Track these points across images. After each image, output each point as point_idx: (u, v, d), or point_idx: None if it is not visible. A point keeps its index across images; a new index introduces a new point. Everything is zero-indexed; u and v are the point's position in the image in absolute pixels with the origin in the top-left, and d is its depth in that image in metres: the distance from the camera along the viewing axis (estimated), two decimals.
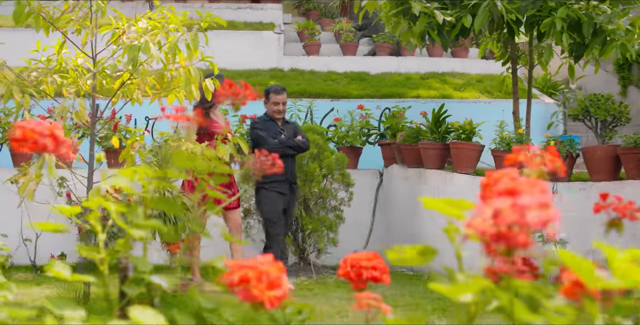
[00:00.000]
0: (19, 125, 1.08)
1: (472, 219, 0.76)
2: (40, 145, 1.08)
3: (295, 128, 5.86)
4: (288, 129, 5.76)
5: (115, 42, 4.55)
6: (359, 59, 9.77)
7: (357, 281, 1.28)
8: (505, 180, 0.85)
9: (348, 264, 1.31)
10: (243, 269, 0.87)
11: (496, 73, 9.60)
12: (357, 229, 6.81)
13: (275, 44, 9.59)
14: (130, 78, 4.48)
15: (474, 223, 0.73)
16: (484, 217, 0.71)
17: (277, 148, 5.31)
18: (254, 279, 0.85)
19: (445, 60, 9.85)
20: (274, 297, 0.86)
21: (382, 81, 9.25)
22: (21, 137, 1.07)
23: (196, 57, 4.40)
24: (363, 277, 1.27)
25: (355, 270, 1.29)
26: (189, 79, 4.52)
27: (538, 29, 5.71)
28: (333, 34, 10.36)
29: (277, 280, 0.87)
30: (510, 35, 5.94)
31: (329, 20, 10.66)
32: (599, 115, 5.33)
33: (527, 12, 5.50)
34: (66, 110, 4.03)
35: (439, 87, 9.03)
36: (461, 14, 5.58)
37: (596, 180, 5.38)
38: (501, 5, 5.11)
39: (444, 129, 6.07)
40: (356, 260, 1.30)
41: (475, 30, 5.29)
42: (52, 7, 4.45)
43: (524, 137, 5.48)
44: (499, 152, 5.61)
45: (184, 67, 4.51)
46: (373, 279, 1.28)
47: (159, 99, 4.88)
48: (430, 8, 5.52)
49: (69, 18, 4.50)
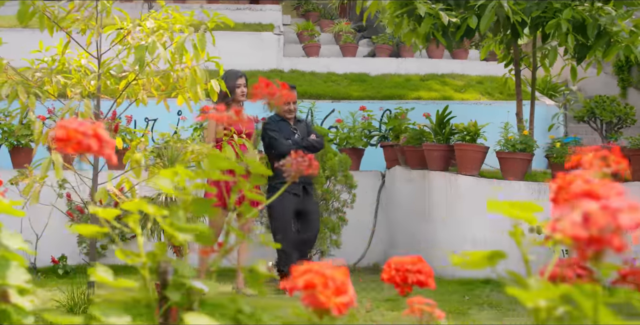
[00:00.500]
0: (62, 125, 1.05)
1: (554, 223, 0.73)
2: (84, 146, 1.04)
3: (308, 127, 5.71)
4: (301, 128, 5.60)
5: (120, 42, 4.51)
6: (359, 60, 9.75)
7: (402, 285, 1.25)
8: (579, 182, 0.82)
9: (392, 267, 1.28)
10: (307, 274, 0.83)
11: (496, 75, 9.61)
12: (359, 231, 6.78)
13: (275, 45, 9.55)
14: (136, 78, 4.44)
15: (561, 227, 0.70)
16: (571, 220, 0.68)
17: (291, 149, 5.25)
18: (320, 284, 0.82)
19: (445, 61, 9.84)
20: (341, 303, 0.82)
21: (382, 82, 9.23)
22: (65, 137, 1.03)
23: (203, 58, 4.36)
24: (409, 281, 1.24)
25: (400, 274, 1.26)
26: (195, 80, 4.49)
27: (543, 30, 5.71)
28: (332, 35, 10.33)
29: (344, 286, 0.84)
30: (515, 36, 5.93)
31: (328, 22, 10.63)
32: (604, 117, 5.33)
33: (532, 13, 5.49)
34: (72, 111, 3.98)
35: (440, 89, 9.01)
36: (466, 15, 5.56)
37: None
38: (507, 7, 5.09)
39: (448, 130, 6.05)
40: (400, 264, 1.27)
41: (481, 31, 5.27)
42: (57, 6, 4.40)
43: (529, 139, 5.47)
44: (504, 153, 5.59)
45: (190, 68, 4.47)
46: (419, 283, 1.25)
47: (164, 100, 4.85)
48: (435, 9, 5.50)
49: (74, 18, 4.46)
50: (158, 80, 4.65)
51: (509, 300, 4.70)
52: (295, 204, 5.36)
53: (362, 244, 6.81)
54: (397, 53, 9.87)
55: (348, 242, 6.39)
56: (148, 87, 4.41)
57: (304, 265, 0.87)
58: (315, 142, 5.50)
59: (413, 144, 6.29)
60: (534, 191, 5.54)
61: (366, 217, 6.91)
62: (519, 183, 5.57)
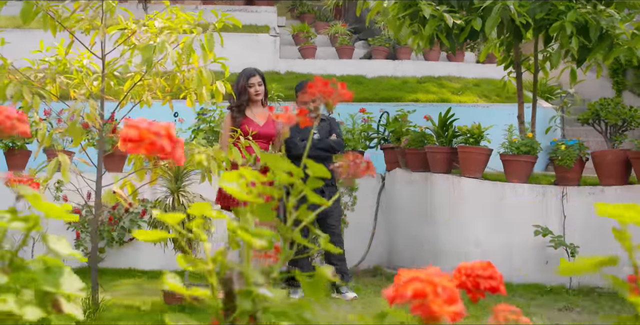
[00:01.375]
0: (133, 125, 0.99)
1: None
2: (157, 147, 0.99)
3: (330, 126, 5.31)
4: (322, 127, 5.25)
5: (124, 42, 4.45)
6: (355, 62, 9.72)
7: (474, 291, 1.21)
8: None
9: (463, 273, 1.24)
10: (415, 282, 0.79)
11: (493, 77, 9.62)
12: (359, 233, 6.74)
13: (271, 47, 9.51)
14: (142, 79, 4.37)
15: None
16: None
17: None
18: (431, 293, 0.78)
19: (441, 64, 9.84)
20: (454, 312, 0.78)
21: (379, 85, 9.20)
22: (137, 138, 0.98)
23: (210, 58, 4.30)
24: (481, 288, 1.20)
25: (471, 280, 1.22)
26: (201, 81, 4.43)
27: (546, 33, 5.70)
28: (328, 37, 10.30)
29: (454, 294, 0.79)
30: (517, 38, 5.92)
31: (323, 24, 10.60)
32: (610, 119, 5.32)
33: (536, 15, 5.48)
34: (78, 112, 3.90)
35: (437, 91, 9.00)
36: (470, 17, 5.54)
37: (606, 184, 5.37)
38: (514, 9, 5.07)
39: (451, 133, 6.02)
40: (471, 270, 1.23)
41: (486, 33, 5.25)
42: (61, 6, 4.33)
43: (533, 142, 5.45)
44: (508, 156, 5.57)
45: (197, 69, 4.41)
46: (491, 289, 1.21)
47: (170, 102, 4.78)
48: (440, 11, 5.48)
49: (77, 18, 4.38)
50: (163, 81, 4.59)
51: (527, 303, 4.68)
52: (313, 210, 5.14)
53: (363, 246, 6.77)
54: (394, 55, 9.85)
55: (348, 244, 6.34)
56: (154, 88, 4.34)
57: (408, 273, 0.82)
58: (333, 143, 5.17)
59: (415, 146, 6.26)
60: (538, 193, 5.52)
61: (366, 220, 6.86)
62: (523, 185, 5.56)
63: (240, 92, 4.88)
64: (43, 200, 1.23)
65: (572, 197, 5.45)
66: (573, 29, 5.37)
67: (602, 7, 5.75)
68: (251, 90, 4.93)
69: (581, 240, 5.34)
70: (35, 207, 1.19)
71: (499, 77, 9.67)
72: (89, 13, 4.33)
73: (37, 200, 1.19)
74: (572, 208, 5.45)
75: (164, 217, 1.13)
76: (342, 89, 1.33)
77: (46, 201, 1.19)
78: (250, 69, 5.05)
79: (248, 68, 5.08)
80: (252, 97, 4.94)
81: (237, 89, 4.90)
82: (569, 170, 5.36)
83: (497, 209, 5.61)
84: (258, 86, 4.95)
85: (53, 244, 1.22)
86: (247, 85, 4.93)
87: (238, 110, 4.85)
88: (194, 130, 7.02)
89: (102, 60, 4.46)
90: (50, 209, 1.19)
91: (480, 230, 5.62)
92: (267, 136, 4.81)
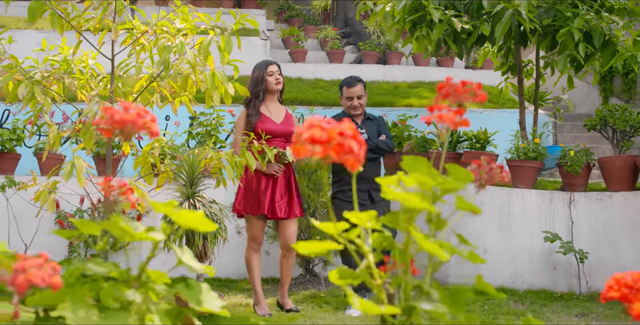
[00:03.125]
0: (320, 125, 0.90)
1: None
2: (345, 148, 0.89)
3: (379, 126, 4.97)
4: (369, 127, 4.92)
5: (133, 43, 4.31)
6: (346, 66, 9.66)
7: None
8: None
9: (622, 285, 1.17)
10: None
11: (484, 83, 9.65)
12: None
13: (262, 50, 9.39)
14: (155, 80, 4.24)
15: None
16: None
17: None
18: None
19: (431, 69, 9.84)
20: None
21: (371, 89, 9.14)
22: (325, 139, 0.89)
23: (227, 60, 4.19)
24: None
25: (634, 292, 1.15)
26: (215, 83, 4.31)
27: (552, 38, 5.70)
28: (318, 41, 10.23)
29: None
30: (522, 44, 5.91)
31: (312, 28, 10.53)
32: (619, 126, 5.34)
33: (543, 21, 5.48)
34: (94, 114, 3.75)
35: (429, 96, 8.98)
36: (477, 22, 5.52)
37: (614, 190, 5.38)
38: (525, 14, 5.06)
39: (456, 137, 5.99)
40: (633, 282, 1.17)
41: (496, 38, 5.23)
42: (70, 4, 4.18)
43: (541, 147, 5.44)
44: (515, 161, 5.55)
45: (210, 71, 4.29)
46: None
47: (172, 104, 4.65)
48: (447, 15, 5.45)
49: (85, 17, 4.23)
50: (172, 82, 4.46)
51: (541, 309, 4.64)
52: None
53: None
54: (384, 60, 9.82)
55: None
56: (169, 89, 4.21)
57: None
58: (382, 144, 4.83)
59: (417, 151, 6.21)
60: (545, 199, 5.51)
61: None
62: (530, 191, 5.54)
63: (256, 83, 4.53)
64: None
65: (580, 203, 5.44)
66: (580, 35, 5.38)
67: (606, 14, 5.77)
68: (271, 79, 4.55)
69: (588, 247, 5.34)
70: (170, 216, 1.08)
71: (489, 83, 9.71)
72: (98, 12, 4.18)
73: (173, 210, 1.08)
74: (580, 214, 5.45)
75: (323, 226, 1.03)
76: (477, 89, 1.26)
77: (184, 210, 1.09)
78: (266, 59, 4.85)
79: (265, 59, 4.88)
80: (271, 87, 4.54)
81: (252, 81, 4.56)
82: (576, 176, 5.36)
83: (504, 214, 5.58)
84: (278, 75, 4.59)
85: (184, 258, 1.11)
86: (265, 73, 4.56)
87: (254, 107, 4.50)
88: (189, 133, 6.88)
89: (111, 61, 4.31)
90: (188, 218, 1.08)
91: (489, 236, 5.58)
92: (285, 134, 4.50)
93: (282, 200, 4.42)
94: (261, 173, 4.46)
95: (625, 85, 9.37)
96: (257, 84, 4.55)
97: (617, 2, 5.96)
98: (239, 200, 4.43)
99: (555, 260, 5.42)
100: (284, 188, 4.45)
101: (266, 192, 4.38)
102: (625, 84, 9.38)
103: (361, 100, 4.97)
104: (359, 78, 5.12)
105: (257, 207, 4.38)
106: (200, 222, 1.08)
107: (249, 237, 4.48)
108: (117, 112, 1.05)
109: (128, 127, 1.07)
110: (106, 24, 4.26)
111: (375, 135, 4.92)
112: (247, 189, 4.43)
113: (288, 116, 4.64)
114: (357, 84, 5.01)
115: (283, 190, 4.44)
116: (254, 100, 4.52)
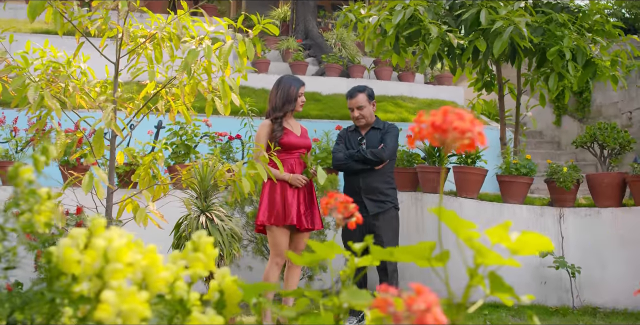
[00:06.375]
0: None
1: None
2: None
3: (383, 134, 4.79)
4: (372, 137, 4.82)
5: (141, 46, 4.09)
6: (310, 78, 9.56)
7: None
8: None
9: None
10: None
11: (444, 99, 9.78)
12: None
13: None
14: (166, 87, 4.02)
15: None
16: None
17: (341, 163, 4.72)
18: None
19: (393, 83, 9.88)
20: None
21: (335, 102, 9.09)
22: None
23: (245, 66, 4.03)
24: None
25: None
26: (226, 91, 4.13)
27: (541, 56, 5.81)
28: (279, 52, 10.10)
29: None
30: (510, 61, 6.00)
31: (273, 38, 10.39)
32: (609, 143, 5.48)
33: (535, 39, 5.58)
34: (109, 122, 3.48)
35: (395, 110, 9.01)
36: (471, 38, 5.56)
37: (602, 206, 5.50)
38: (525, 32, 5.12)
39: (444, 152, 5.99)
40: None
41: (495, 54, 5.27)
42: (75, 4, 3.91)
43: (531, 163, 5.51)
44: (506, 177, 5.60)
45: (221, 78, 4.11)
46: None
47: (170, 113, 4.43)
48: (442, 30, 5.46)
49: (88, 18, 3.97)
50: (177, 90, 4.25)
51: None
52: (361, 230, 4.64)
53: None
54: (347, 73, 9.79)
55: (335, 264, 6.14)
56: (183, 97, 3.99)
57: None
58: (370, 155, 4.68)
59: (402, 165, 6.18)
60: (535, 214, 5.57)
61: None
62: (521, 207, 5.60)
63: (287, 101, 4.45)
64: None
65: (569, 218, 5.54)
66: (570, 54, 5.51)
67: (589, 34, 5.94)
68: (300, 100, 4.52)
69: (577, 261, 5.43)
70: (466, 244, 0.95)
71: (450, 98, 9.85)
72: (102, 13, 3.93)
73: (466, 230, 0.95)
74: (569, 229, 5.54)
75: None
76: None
77: None
78: (297, 77, 4.70)
79: (294, 76, 4.73)
80: (298, 108, 4.53)
81: (284, 96, 4.46)
82: (566, 191, 5.45)
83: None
84: (304, 97, 4.58)
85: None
86: (298, 94, 4.49)
87: (279, 124, 4.42)
88: (164, 143, 6.60)
89: (115, 65, 4.06)
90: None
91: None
92: (305, 146, 4.47)
93: (307, 212, 4.31)
94: (286, 184, 4.34)
95: (579, 104, 9.70)
96: (290, 101, 4.45)
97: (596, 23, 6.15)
98: (263, 211, 4.24)
99: (544, 274, 5.48)
100: (307, 200, 4.35)
101: (293, 203, 4.25)
102: (579, 103, 9.71)
103: (362, 110, 4.84)
104: (361, 88, 4.97)
105: (284, 217, 4.21)
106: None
107: (273, 252, 4.26)
108: (451, 118, 0.92)
109: (453, 136, 0.93)
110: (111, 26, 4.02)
111: (375, 146, 4.78)
112: (272, 200, 4.27)
113: (304, 129, 4.62)
114: (357, 95, 4.89)
115: (307, 202, 4.34)
116: (279, 115, 4.40)
